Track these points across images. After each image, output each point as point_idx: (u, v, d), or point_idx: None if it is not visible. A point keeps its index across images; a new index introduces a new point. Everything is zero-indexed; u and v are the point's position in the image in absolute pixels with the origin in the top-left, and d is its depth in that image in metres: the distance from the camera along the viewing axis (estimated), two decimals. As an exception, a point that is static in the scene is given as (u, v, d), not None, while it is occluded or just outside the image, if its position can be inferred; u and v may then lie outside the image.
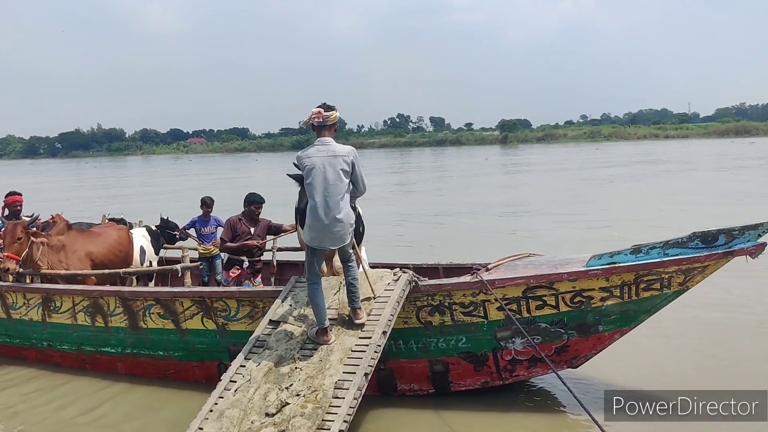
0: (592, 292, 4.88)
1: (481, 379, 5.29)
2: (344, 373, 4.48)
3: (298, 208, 5.69)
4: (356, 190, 4.89)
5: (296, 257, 7.85)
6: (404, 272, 5.21)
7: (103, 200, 26.25)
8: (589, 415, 3.95)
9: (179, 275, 6.71)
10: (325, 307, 4.89)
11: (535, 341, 5.00)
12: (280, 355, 4.82)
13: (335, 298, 5.21)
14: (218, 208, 8.18)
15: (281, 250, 7.83)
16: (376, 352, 4.60)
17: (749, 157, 40.38)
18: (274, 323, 5.14)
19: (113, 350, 6.21)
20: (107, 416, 5.45)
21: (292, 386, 4.51)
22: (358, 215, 5.35)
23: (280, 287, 5.59)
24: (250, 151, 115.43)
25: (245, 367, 4.78)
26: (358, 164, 4.80)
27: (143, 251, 8.04)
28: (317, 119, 4.77)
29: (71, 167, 74.77)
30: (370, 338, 4.70)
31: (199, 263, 7.07)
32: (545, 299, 4.95)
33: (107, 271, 6.83)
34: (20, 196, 7.45)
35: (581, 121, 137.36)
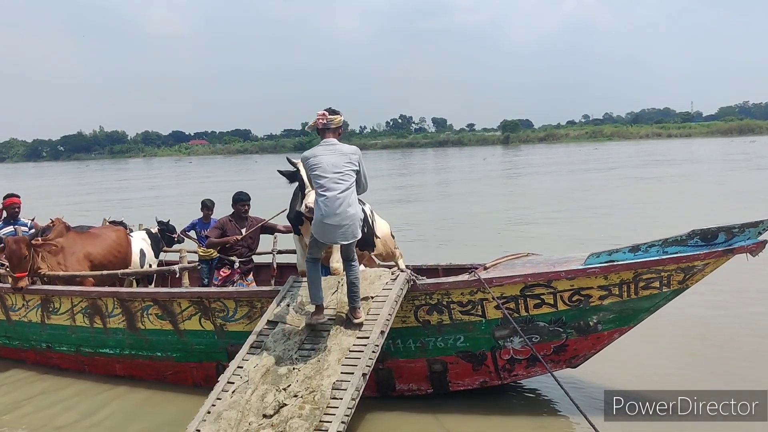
0: (590, 290, 4.85)
1: (479, 378, 5.26)
2: (342, 373, 4.46)
3: (288, 216, 5.75)
4: (359, 188, 4.98)
5: (296, 259, 7.86)
6: (402, 271, 5.19)
7: (103, 204, 26.26)
8: (583, 415, 3.92)
9: (177, 276, 6.70)
10: (320, 285, 4.98)
11: (533, 340, 4.97)
12: (278, 355, 4.80)
13: (333, 297, 5.18)
14: (219, 209, 8.20)
15: (281, 252, 7.80)
16: (374, 351, 4.58)
17: (744, 155, 40.27)
18: (272, 323, 5.11)
19: (112, 351, 6.20)
20: (105, 419, 5.44)
21: (289, 387, 4.49)
22: (365, 215, 5.37)
23: (278, 287, 5.57)
24: (252, 152, 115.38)
25: (243, 368, 4.77)
26: (362, 164, 4.93)
27: (143, 254, 8.04)
28: (321, 121, 4.92)
29: (70, 170, 74.73)
30: (368, 338, 4.68)
31: (198, 264, 7.05)
32: (543, 298, 4.92)
33: (105, 272, 6.83)
34: (18, 198, 7.45)
35: (583, 120, 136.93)
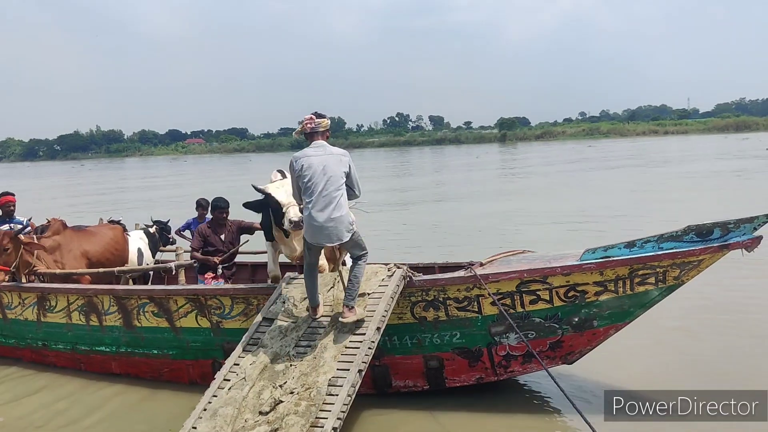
0: (586, 286, 4.85)
1: (475, 374, 5.26)
2: (338, 370, 4.46)
3: (262, 223, 5.69)
4: (352, 193, 4.93)
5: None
6: (398, 268, 5.19)
7: (99, 203, 26.19)
8: (578, 412, 3.89)
9: (173, 273, 6.69)
10: (317, 291, 5.04)
11: (529, 336, 4.98)
12: (274, 352, 4.80)
13: (329, 294, 5.19)
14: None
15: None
16: (370, 348, 4.58)
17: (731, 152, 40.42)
18: (268, 321, 5.11)
19: (108, 349, 6.19)
20: (102, 416, 5.43)
21: (286, 384, 4.49)
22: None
23: (273, 285, 5.56)
24: (248, 151, 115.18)
25: (239, 365, 4.77)
26: (352, 166, 4.88)
27: (141, 254, 8.04)
28: (310, 125, 4.87)
29: (65, 170, 74.38)
30: (364, 334, 4.68)
31: (193, 262, 7.05)
32: (539, 294, 4.92)
33: (101, 270, 6.83)
34: (13, 196, 7.44)
35: (580, 118, 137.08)
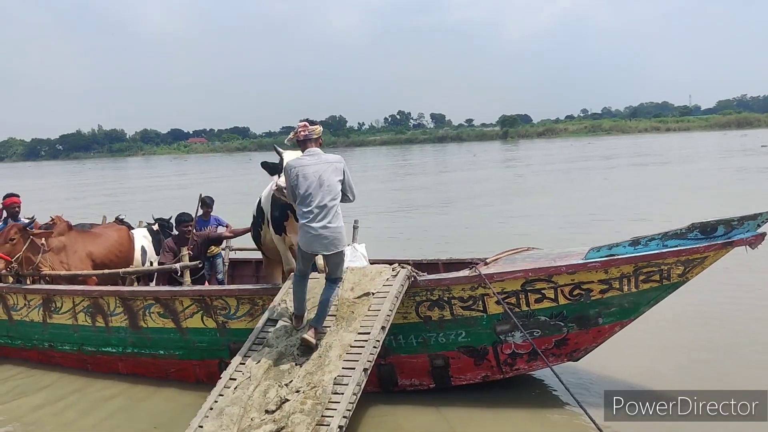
0: (591, 284, 4.87)
1: (481, 373, 5.28)
2: (343, 368, 4.48)
3: (273, 214, 5.70)
4: (346, 198, 4.95)
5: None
6: (403, 267, 5.20)
7: (101, 202, 26.24)
8: (584, 410, 3.93)
9: (178, 274, 6.70)
10: (304, 300, 5.00)
11: (534, 335, 4.99)
12: (280, 351, 4.82)
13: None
14: (217, 208, 8.23)
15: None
16: (374, 347, 4.60)
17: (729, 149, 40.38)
18: (273, 321, 5.13)
19: (114, 350, 6.22)
20: (108, 416, 5.46)
21: (291, 383, 4.51)
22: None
23: (278, 285, 5.58)
24: (250, 150, 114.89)
25: (245, 364, 4.79)
26: (347, 172, 4.90)
27: (144, 251, 8.06)
28: (303, 132, 4.89)
29: (68, 169, 74.43)
30: (368, 333, 4.69)
31: (198, 262, 7.07)
32: (544, 292, 4.94)
33: (107, 271, 6.84)
34: (18, 197, 7.46)
35: (582, 115, 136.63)
